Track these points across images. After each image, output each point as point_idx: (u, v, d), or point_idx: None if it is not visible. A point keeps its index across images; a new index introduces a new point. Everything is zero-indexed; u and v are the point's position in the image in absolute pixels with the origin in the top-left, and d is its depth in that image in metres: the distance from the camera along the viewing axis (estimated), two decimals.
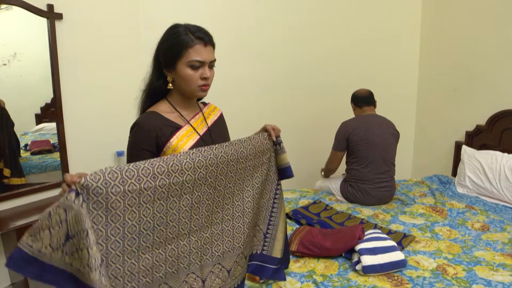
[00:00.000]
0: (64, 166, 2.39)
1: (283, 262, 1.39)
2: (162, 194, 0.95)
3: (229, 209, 1.15)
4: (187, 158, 0.99)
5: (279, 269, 1.35)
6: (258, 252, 1.31)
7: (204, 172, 1.03)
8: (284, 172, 1.32)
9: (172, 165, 0.96)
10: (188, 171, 0.99)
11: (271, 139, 1.26)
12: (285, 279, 1.40)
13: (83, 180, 0.83)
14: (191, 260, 1.05)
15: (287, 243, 1.42)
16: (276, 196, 1.34)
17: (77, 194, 0.82)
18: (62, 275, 0.80)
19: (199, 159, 1.01)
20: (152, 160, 0.94)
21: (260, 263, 1.31)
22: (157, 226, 0.96)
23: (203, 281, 1.07)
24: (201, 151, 1.03)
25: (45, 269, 0.79)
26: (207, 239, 1.09)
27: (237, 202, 1.17)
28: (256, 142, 1.21)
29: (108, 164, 2.60)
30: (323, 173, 2.68)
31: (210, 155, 1.04)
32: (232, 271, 1.15)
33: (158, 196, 0.94)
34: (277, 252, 1.34)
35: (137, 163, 0.92)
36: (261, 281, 1.40)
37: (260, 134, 1.25)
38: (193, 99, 1.19)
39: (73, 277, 0.81)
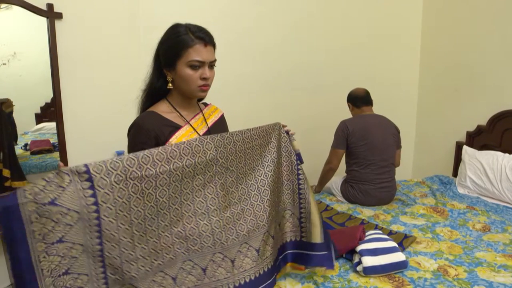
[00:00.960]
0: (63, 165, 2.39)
1: (329, 249, 1.37)
2: (177, 176, 1.01)
3: (244, 188, 1.19)
4: (195, 141, 1.04)
5: (327, 256, 1.34)
6: (298, 239, 1.32)
7: (214, 153, 1.07)
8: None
9: (183, 148, 1.01)
10: (198, 153, 1.04)
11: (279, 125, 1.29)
12: (333, 268, 1.39)
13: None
14: (215, 240, 1.08)
15: (326, 228, 1.41)
16: (300, 177, 1.36)
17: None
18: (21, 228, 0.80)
19: (206, 141, 1.06)
20: (165, 146, 0.99)
21: (302, 251, 1.32)
22: (172, 205, 1.02)
23: (232, 261, 1.10)
24: (206, 136, 1.08)
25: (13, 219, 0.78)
26: (229, 218, 1.13)
27: (251, 181, 1.21)
28: (260, 127, 1.25)
29: None
30: (314, 188, 2.62)
31: (216, 137, 1.09)
32: (262, 251, 1.17)
33: (174, 179, 1.00)
34: (316, 237, 1.34)
35: (151, 150, 0.96)
36: (306, 269, 1.39)
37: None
38: (193, 99, 1.18)
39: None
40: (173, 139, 1.08)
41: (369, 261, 1.46)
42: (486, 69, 2.78)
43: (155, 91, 1.14)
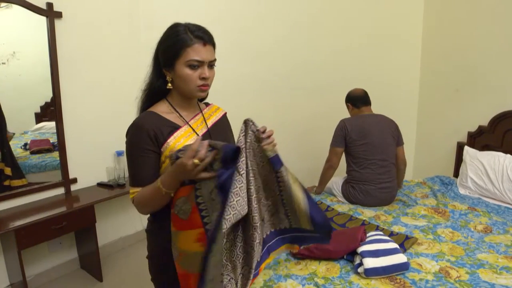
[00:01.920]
0: (63, 165, 2.38)
1: (323, 231, 1.26)
2: None
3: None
4: None
5: (321, 237, 1.25)
6: (287, 227, 1.27)
7: None
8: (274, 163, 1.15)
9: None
10: None
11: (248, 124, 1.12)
12: (328, 242, 1.28)
13: None
14: (223, 262, 1.08)
15: (318, 214, 1.25)
16: (280, 184, 1.22)
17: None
18: None
19: None
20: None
21: (295, 234, 1.26)
22: None
23: (236, 283, 1.08)
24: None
25: None
26: (232, 240, 1.11)
27: None
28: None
29: (107, 163, 2.60)
30: (315, 189, 2.59)
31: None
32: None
33: None
34: (306, 225, 1.26)
35: None
36: (301, 247, 1.34)
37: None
38: (193, 99, 1.16)
39: None
40: (171, 140, 1.06)
41: (370, 262, 1.45)
42: (487, 69, 2.77)
43: (155, 91, 1.12)
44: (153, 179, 1.05)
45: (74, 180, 2.44)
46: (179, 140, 1.07)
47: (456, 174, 2.90)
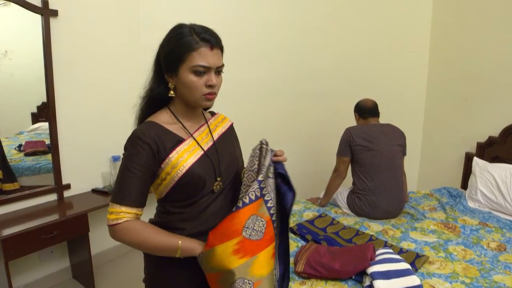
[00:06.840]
0: (56, 170, 2.28)
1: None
2: None
3: None
4: None
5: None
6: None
7: None
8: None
9: None
10: None
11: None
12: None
13: None
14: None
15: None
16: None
17: None
18: None
19: None
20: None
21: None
22: None
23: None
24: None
25: None
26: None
27: None
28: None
29: (103, 169, 2.50)
30: (320, 201, 2.48)
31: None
32: None
33: None
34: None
35: None
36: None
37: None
38: (198, 109, 1.05)
39: None
40: (173, 155, 0.95)
41: (382, 285, 1.35)
42: (498, 77, 2.68)
43: (155, 98, 1.01)
44: (143, 202, 0.95)
45: (68, 186, 2.34)
46: (182, 155, 0.96)
47: (464, 186, 2.80)
